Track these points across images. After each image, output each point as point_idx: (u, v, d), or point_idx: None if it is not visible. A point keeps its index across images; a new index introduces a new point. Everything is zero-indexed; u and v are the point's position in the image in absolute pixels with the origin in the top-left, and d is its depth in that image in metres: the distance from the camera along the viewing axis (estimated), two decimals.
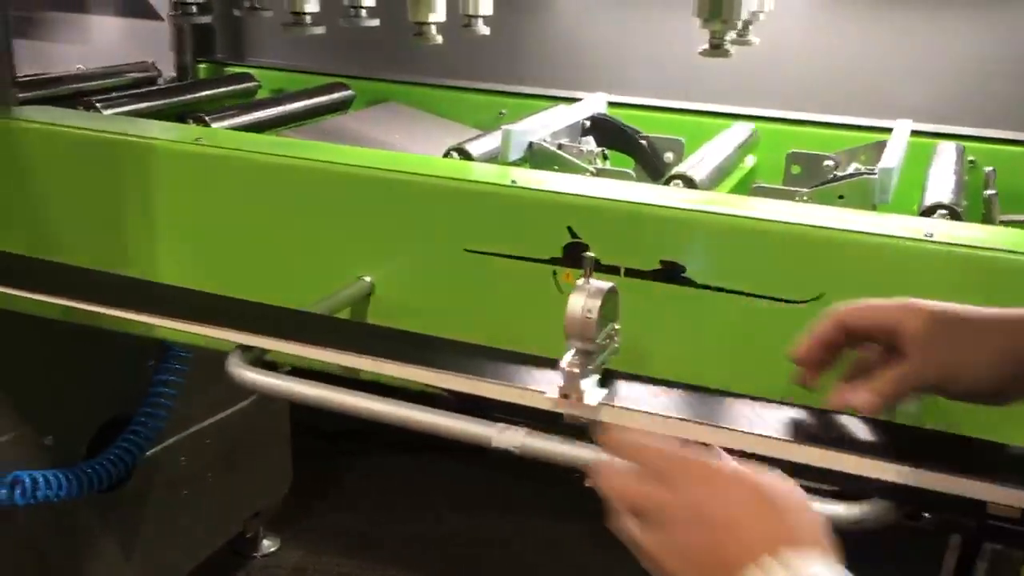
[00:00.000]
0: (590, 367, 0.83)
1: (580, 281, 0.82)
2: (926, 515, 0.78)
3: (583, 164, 1.28)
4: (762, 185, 1.23)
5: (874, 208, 1.15)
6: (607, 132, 1.46)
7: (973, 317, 0.76)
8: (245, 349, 0.96)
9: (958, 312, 0.76)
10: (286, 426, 2.26)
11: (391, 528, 2.34)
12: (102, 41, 1.98)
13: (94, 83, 1.66)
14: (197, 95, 1.66)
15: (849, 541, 0.66)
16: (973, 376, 0.74)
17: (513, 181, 1.09)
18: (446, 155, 1.27)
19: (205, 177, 1.21)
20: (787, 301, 0.99)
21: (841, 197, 1.16)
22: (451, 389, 0.87)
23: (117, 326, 1.08)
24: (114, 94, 1.54)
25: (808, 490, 0.78)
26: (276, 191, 1.18)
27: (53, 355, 1.61)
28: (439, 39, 1.39)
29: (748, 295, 1.01)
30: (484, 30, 1.53)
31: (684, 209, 1.02)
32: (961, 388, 0.75)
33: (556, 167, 1.28)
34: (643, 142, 1.45)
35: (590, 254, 0.83)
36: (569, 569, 2.21)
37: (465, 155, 1.26)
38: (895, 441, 0.80)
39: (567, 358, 0.82)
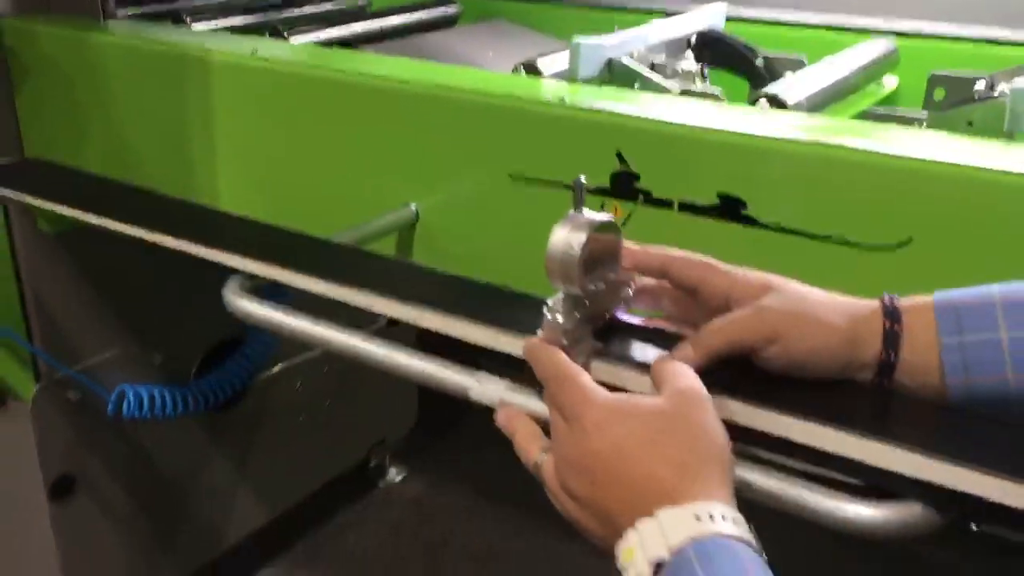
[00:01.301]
0: (579, 314, 0.70)
1: (571, 212, 0.69)
2: (974, 527, 0.61)
3: (666, 84, 1.12)
4: (875, 110, 1.03)
5: (1010, 137, 0.94)
6: (716, 49, 1.29)
7: (815, 294, 0.68)
8: (246, 276, 0.90)
9: (799, 287, 0.69)
10: None
11: (514, 470, 2.28)
12: None
13: (204, 2, 1.63)
14: (297, 12, 1.60)
15: None
16: (805, 349, 0.65)
17: (562, 99, 0.95)
18: (514, 72, 1.15)
19: (259, 92, 1.15)
20: (867, 247, 0.82)
21: (970, 124, 0.95)
22: (426, 327, 0.77)
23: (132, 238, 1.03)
24: (206, 10, 1.50)
25: (833, 483, 0.64)
26: (323, 107, 1.10)
27: (162, 272, 1.63)
28: None
29: (820, 238, 0.84)
30: None
31: (745, 134, 0.85)
32: (786, 360, 0.65)
33: (637, 86, 1.13)
34: (759, 61, 1.27)
35: (583, 178, 0.69)
36: None
37: (534, 71, 1.13)
38: (945, 431, 0.63)
39: (551, 301, 0.69)
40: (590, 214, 0.68)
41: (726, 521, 0.53)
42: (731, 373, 0.67)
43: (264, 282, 0.90)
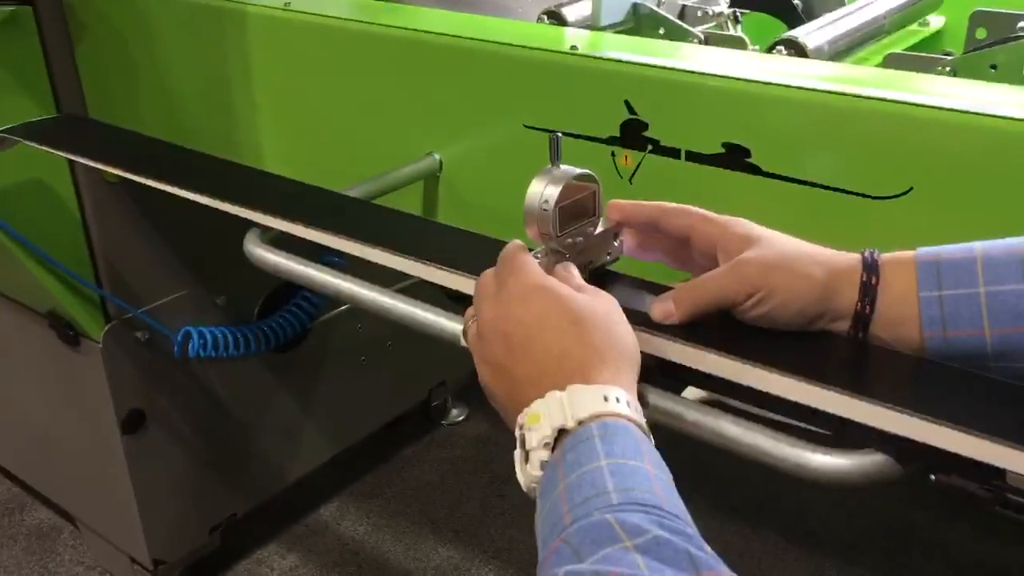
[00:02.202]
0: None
1: (548, 166, 0.70)
2: (932, 477, 0.61)
3: (691, 30, 1.11)
4: (897, 52, 1.00)
5: None
6: None
7: (795, 245, 0.68)
8: (264, 228, 0.94)
9: (781, 239, 0.69)
10: None
11: None
12: None
13: None
14: None
15: None
16: (780, 301, 0.65)
17: (573, 48, 0.96)
18: (539, 21, 1.15)
19: (291, 45, 1.18)
20: (869, 196, 0.81)
21: (994, 67, 0.92)
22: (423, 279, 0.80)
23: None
24: None
25: (797, 431, 0.65)
26: (352, 59, 1.13)
27: (224, 217, 1.69)
28: None
29: (822, 187, 0.83)
30: None
31: (748, 80, 0.85)
32: (761, 311, 0.66)
33: (662, 31, 1.12)
34: (796, 2, 1.24)
35: (559, 133, 0.70)
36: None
37: (559, 19, 1.13)
38: (912, 383, 0.63)
39: (533, 255, 0.71)
40: (567, 168, 0.70)
41: (629, 407, 0.57)
42: (708, 325, 0.68)
43: (278, 234, 0.94)
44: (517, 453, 0.59)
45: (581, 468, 0.54)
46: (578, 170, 0.70)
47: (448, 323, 0.78)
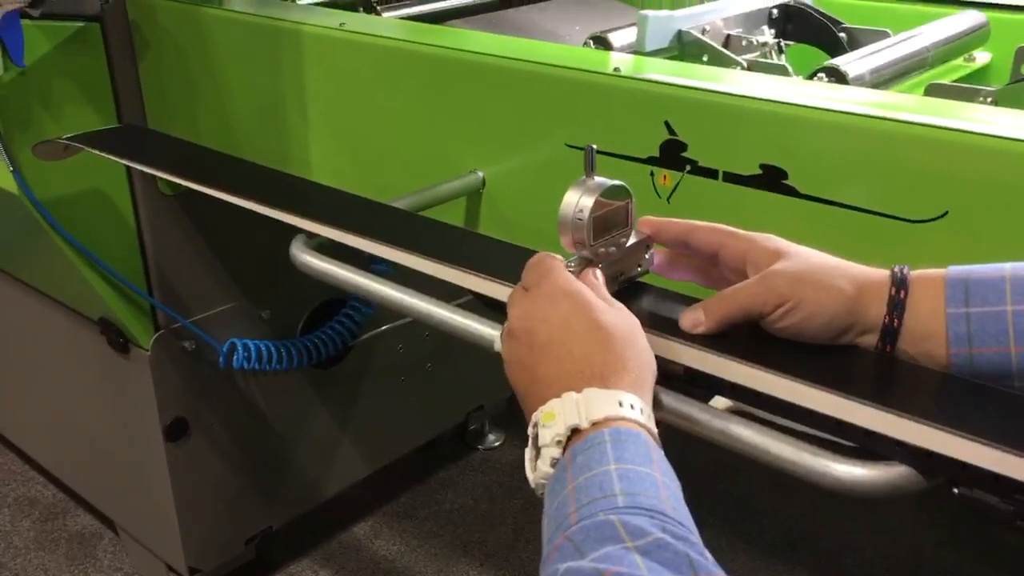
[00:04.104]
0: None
1: (582, 177, 0.72)
2: (955, 490, 0.61)
3: (735, 57, 1.12)
4: (939, 83, 1.01)
5: None
6: (798, 22, 1.28)
7: (824, 259, 0.69)
8: (309, 235, 0.97)
9: (810, 253, 0.70)
10: None
11: None
12: None
13: None
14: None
15: None
16: (808, 313, 0.66)
17: (616, 69, 0.98)
18: (585, 46, 1.18)
19: (345, 63, 1.22)
20: (903, 219, 0.82)
21: None
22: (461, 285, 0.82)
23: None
24: None
25: (820, 442, 0.66)
26: (400, 77, 1.16)
27: (272, 233, 1.73)
28: None
29: (859, 210, 0.84)
30: None
31: (787, 103, 0.86)
32: (789, 322, 0.67)
33: (706, 59, 1.14)
34: (842, 35, 1.25)
35: (593, 145, 0.72)
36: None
37: (604, 44, 1.16)
38: (937, 396, 0.63)
39: (566, 264, 0.73)
40: (601, 179, 0.72)
41: (643, 414, 0.59)
42: (736, 335, 0.69)
43: (323, 240, 0.97)
44: (528, 452, 0.60)
45: (591, 471, 0.55)
46: (612, 182, 0.71)
47: (483, 328, 0.79)
